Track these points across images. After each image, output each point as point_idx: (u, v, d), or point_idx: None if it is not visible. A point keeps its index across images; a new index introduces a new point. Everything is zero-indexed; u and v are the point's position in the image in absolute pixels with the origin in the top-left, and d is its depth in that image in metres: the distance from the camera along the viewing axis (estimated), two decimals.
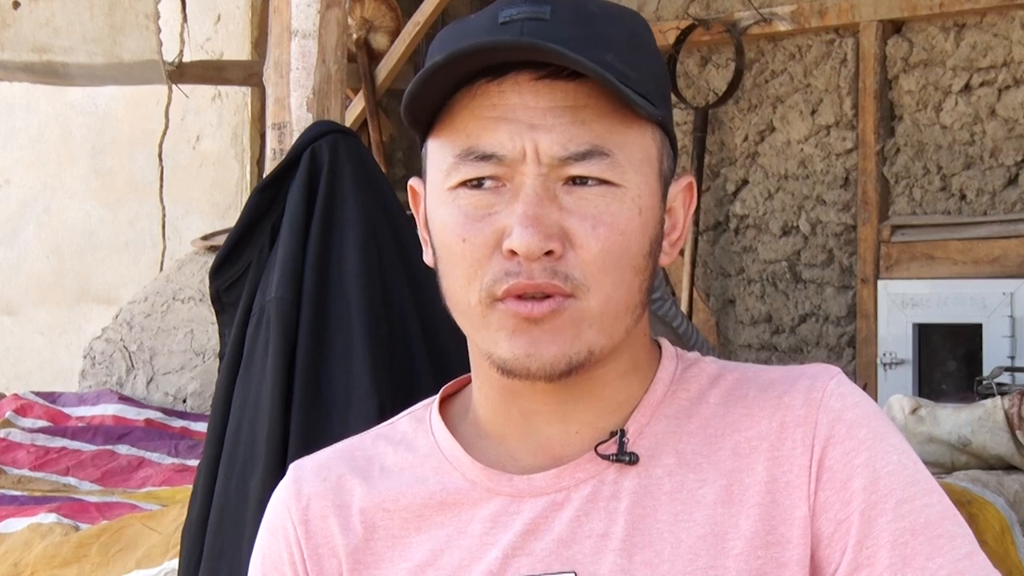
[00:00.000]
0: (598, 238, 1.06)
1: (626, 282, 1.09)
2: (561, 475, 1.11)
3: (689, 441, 1.12)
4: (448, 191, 1.09)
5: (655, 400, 1.14)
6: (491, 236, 1.07)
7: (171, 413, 3.96)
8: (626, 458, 1.10)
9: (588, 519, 1.10)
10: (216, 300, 2.35)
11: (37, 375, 5.75)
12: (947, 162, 4.67)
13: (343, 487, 1.17)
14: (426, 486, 1.15)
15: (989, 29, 4.60)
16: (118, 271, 5.74)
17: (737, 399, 1.14)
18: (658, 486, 1.10)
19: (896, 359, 4.63)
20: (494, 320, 1.08)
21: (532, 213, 1.05)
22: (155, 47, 4.37)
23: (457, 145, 1.08)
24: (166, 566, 2.66)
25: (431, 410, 1.21)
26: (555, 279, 1.06)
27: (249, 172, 5.37)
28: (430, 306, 2.30)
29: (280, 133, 2.40)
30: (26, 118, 6.03)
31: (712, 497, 1.09)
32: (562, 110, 1.06)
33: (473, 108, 1.07)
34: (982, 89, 4.61)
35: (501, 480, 1.13)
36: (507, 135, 1.06)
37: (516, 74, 1.06)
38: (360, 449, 1.20)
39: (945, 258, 4.61)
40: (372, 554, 1.14)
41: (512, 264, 1.06)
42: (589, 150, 1.06)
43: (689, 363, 1.17)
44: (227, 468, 2.17)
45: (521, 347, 1.07)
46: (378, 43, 5.02)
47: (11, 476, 3.45)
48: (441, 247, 1.11)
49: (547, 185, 1.06)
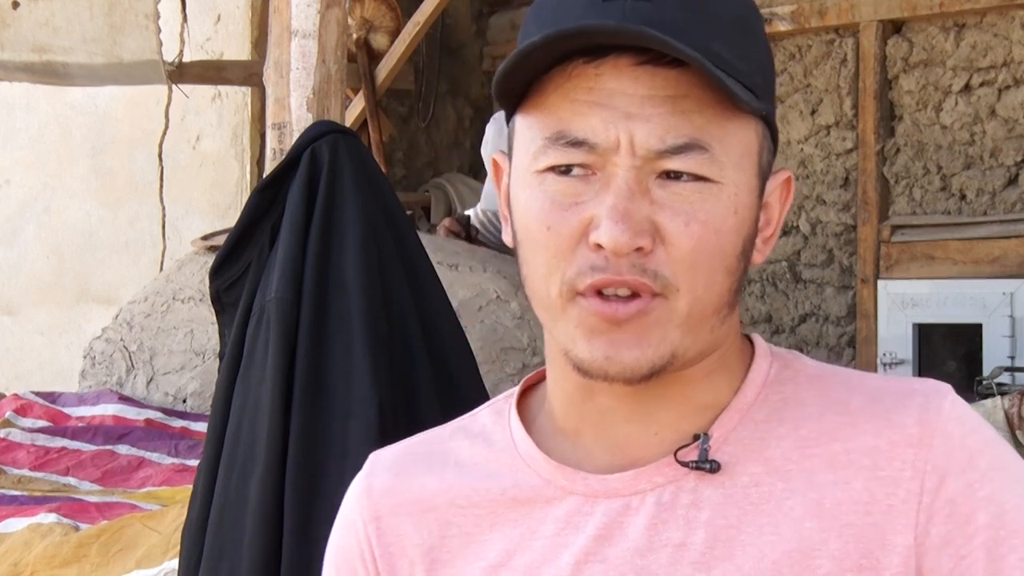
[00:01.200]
0: (690, 235, 1.00)
1: (717, 283, 1.02)
2: (638, 477, 1.05)
3: (779, 446, 1.05)
4: (535, 174, 1.03)
5: (745, 403, 1.07)
6: (577, 227, 1.01)
7: (171, 413, 3.96)
8: (707, 466, 1.04)
9: (665, 527, 1.04)
10: (216, 300, 2.35)
11: (37, 375, 5.75)
12: (947, 162, 4.67)
13: (416, 482, 1.13)
14: (499, 482, 1.10)
15: (989, 29, 4.60)
16: (118, 271, 5.74)
17: (838, 405, 1.06)
18: (743, 496, 1.03)
19: (896, 359, 4.63)
20: (574, 315, 1.02)
21: (623, 207, 0.99)
22: (155, 47, 4.37)
23: (547, 127, 1.02)
24: (166, 566, 2.66)
25: (511, 402, 1.15)
26: (643, 276, 1.00)
27: (249, 172, 5.37)
28: (430, 306, 2.30)
29: (280, 133, 2.40)
30: (26, 118, 6.03)
31: (801, 510, 1.02)
32: (661, 99, 0.99)
33: (567, 90, 1.01)
34: (982, 89, 4.61)
35: (575, 479, 1.07)
36: (601, 122, 1.00)
37: (616, 57, 0.99)
38: (437, 442, 1.16)
39: (945, 258, 4.61)
40: (447, 551, 1.10)
41: (598, 258, 1.00)
42: (687, 143, 1.00)
43: (785, 362, 1.10)
44: (227, 468, 2.17)
45: (600, 349, 1.01)
46: (378, 43, 5.02)
47: (11, 476, 3.45)
48: (522, 231, 1.05)
49: (640, 178, 1.00)
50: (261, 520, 2.08)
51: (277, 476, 2.09)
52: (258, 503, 2.09)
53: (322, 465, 2.11)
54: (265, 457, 2.10)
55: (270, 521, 2.08)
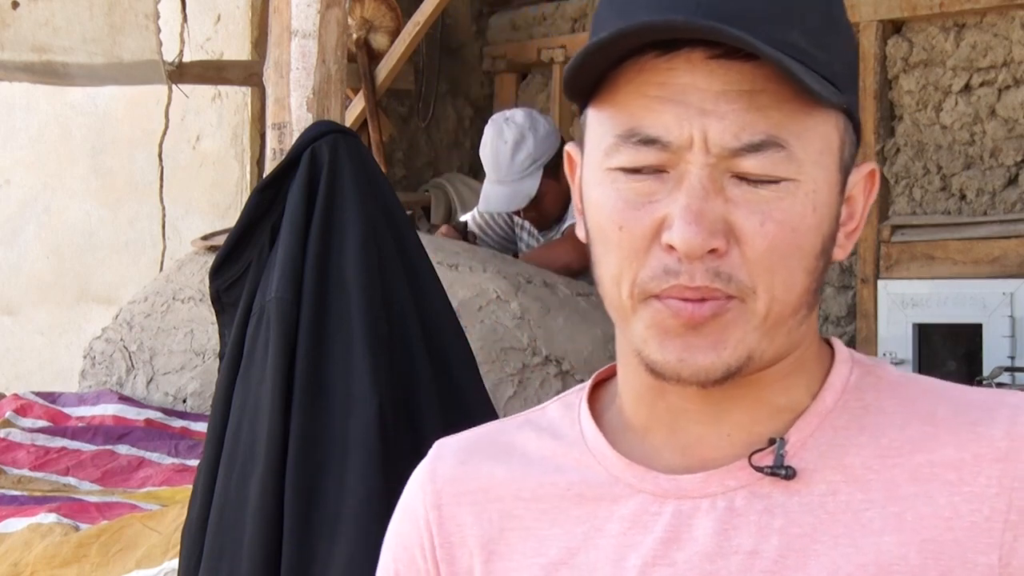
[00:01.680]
0: (766, 235, 0.96)
1: (795, 284, 0.99)
2: (709, 480, 1.02)
3: (859, 454, 1.01)
4: (606, 171, 0.99)
5: (824, 408, 1.03)
6: (650, 226, 0.97)
7: (171, 413, 3.96)
8: (782, 472, 1.00)
9: (737, 533, 1.00)
10: (216, 300, 2.35)
11: (37, 375, 5.75)
12: (947, 162, 4.67)
13: (481, 472, 1.10)
14: (566, 477, 1.07)
15: (989, 29, 4.60)
16: (118, 271, 5.74)
17: (922, 415, 1.02)
18: (819, 504, 0.99)
19: (896, 359, 4.63)
20: (646, 316, 0.98)
21: (696, 207, 0.95)
22: (155, 47, 4.37)
23: (619, 124, 0.98)
24: (166, 566, 2.66)
25: (581, 396, 1.11)
26: (717, 281, 0.96)
27: (249, 172, 5.37)
28: (430, 306, 2.30)
29: (280, 133, 2.40)
30: (26, 118, 6.03)
31: (880, 523, 0.98)
32: (737, 94, 0.95)
33: (638, 84, 0.97)
34: (982, 89, 4.61)
35: (645, 477, 1.03)
36: (674, 119, 0.96)
37: (688, 51, 0.95)
38: (505, 433, 1.13)
39: (945, 258, 4.61)
40: (505, 545, 1.07)
41: (671, 260, 0.96)
42: (763, 141, 0.95)
43: (866, 368, 1.05)
44: (227, 468, 2.17)
45: (673, 352, 0.98)
46: (378, 43, 5.02)
47: (11, 476, 3.45)
48: (595, 229, 1.01)
49: (714, 176, 0.96)
50: (261, 520, 2.08)
51: (277, 476, 2.09)
52: (258, 503, 2.09)
53: (322, 465, 2.11)
54: (265, 457, 2.10)
55: (270, 521, 2.08)
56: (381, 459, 2.08)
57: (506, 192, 4.13)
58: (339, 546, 2.05)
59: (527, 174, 4.10)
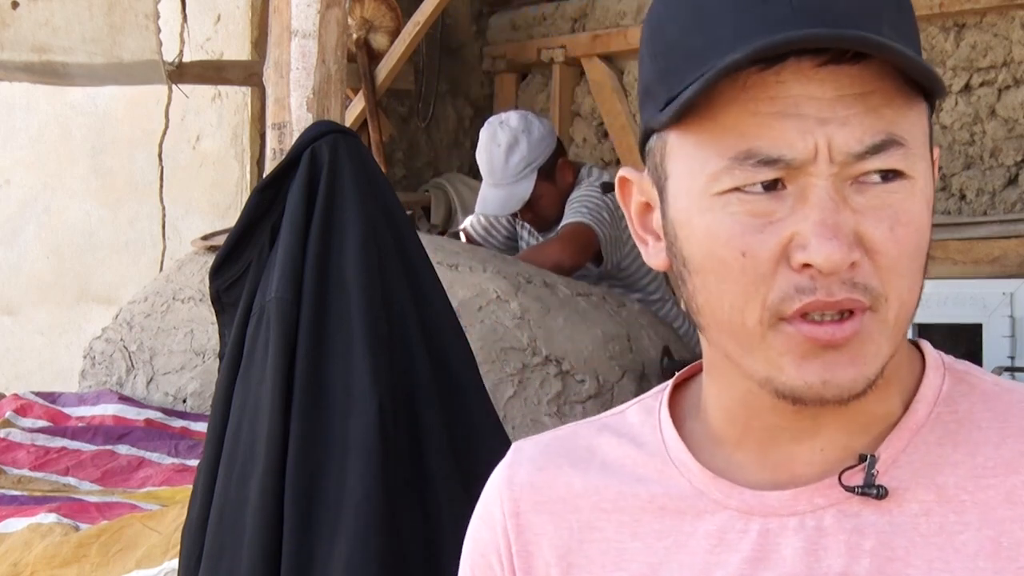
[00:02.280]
0: (897, 241, 0.93)
1: (918, 283, 0.96)
2: (798, 497, 0.99)
3: (953, 473, 0.97)
4: (714, 196, 0.94)
5: (916, 422, 1.00)
6: (776, 248, 0.93)
7: (171, 413, 3.96)
8: (873, 492, 0.96)
9: (826, 554, 0.97)
10: (216, 300, 2.35)
11: (37, 375, 5.75)
12: (947, 162, 4.68)
13: (561, 479, 1.07)
14: (647, 488, 1.04)
15: (989, 29, 4.61)
16: (118, 271, 5.74)
17: (1017, 432, 0.98)
18: (912, 525, 0.96)
19: None
20: (778, 343, 0.94)
21: (832, 221, 0.91)
22: (155, 47, 4.37)
23: (730, 146, 0.93)
24: (166, 566, 2.66)
25: (661, 400, 1.08)
26: (855, 292, 0.92)
27: (249, 172, 5.37)
28: (430, 306, 2.30)
29: (280, 133, 2.40)
30: (26, 118, 6.03)
31: (975, 547, 0.95)
32: (852, 99, 0.92)
33: (745, 102, 0.93)
34: (982, 89, 4.61)
35: (731, 492, 1.01)
36: (798, 133, 0.92)
37: (796, 61, 0.91)
38: (584, 437, 1.09)
39: (945, 258, 4.61)
40: (584, 556, 1.05)
41: (803, 279, 0.92)
42: (884, 140, 0.93)
43: (958, 376, 1.02)
44: (227, 468, 2.17)
45: (815, 373, 0.94)
46: (378, 43, 5.02)
47: (11, 476, 3.45)
48: (705, 258, 0.96)
49: (838, 186, 0.92)
50: (261, 520, 2.08)
51: (277, 476, 2.09)
52: (258, 503, 2.09)
53: (322, 465, 2.11)
54: (265, 457, 2.10)
55: (270, 521, 2.08)
56: (381, 459, 2.08)
57: (501, 195, 4.14)
58: (339, 546, 2.05)
59: (521, 177, 4.11)
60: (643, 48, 1.01)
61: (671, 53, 0.96)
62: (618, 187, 1.06)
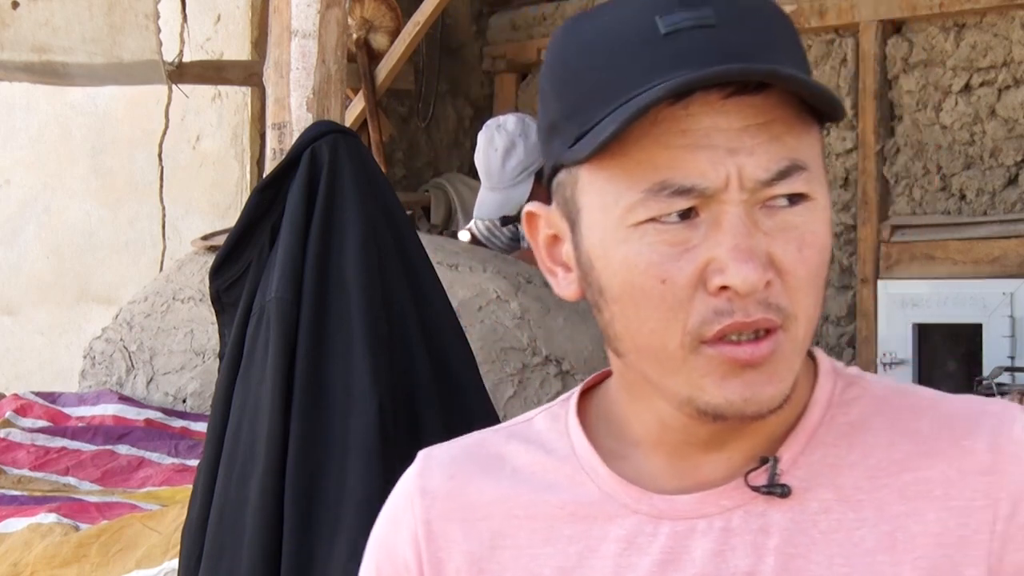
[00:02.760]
0: (804, 261, 0.98)
1: (820, 300, 1.01)
2: (705, 500, 1.02)
3: (850, 475, 1.02)
4: (631, 227, 0.98)
5: (811, 425, 1.04)
6: (693, 274, 0.97)
7: (171, 413, 3.96)
8: (777, 490, 1.01)
9: (734, 554, 1.00)
10: (216, 300, 2.35)
11: (37, 375, 5.75)
12: (947, 162, 4.67)
13: (472, 487, 1.09)
14: (558, 495, 1.06)
15: (989, 29, 4.60)
16: (118, 271, 5.74)
17: (908, 432, 1.03)
18: (813, 523, 1.01)
19: (896, 359, 4.63)
20: (700, 365, 0.98)
21: (745, 245, 0.96)
22: (155, 47, 4.37)
23: (645, 179, 0.97)
24: (166, 566, 2.66)
25: (568, 408, 1.11)
26: (769, 312, 0.97)
27: (249, 172, 5.37)
28: (430, 306, 2.30)
29: (280, 133, 2.40)
30: (26, 118, 6.03)
31: (872, 542, 0.99)
32: (757, 128, 0.97)
33: (657, 136, 0.96)
34: (982, 89, 4.60)
35: (641, 497, 1.04)
36: (709, 164, 0.96)
37: (704, 93, 0.96)
38: (493, 445, 1.11)
39: (945, 258, 4.61)
40: (496, 563, 1.06)
41: (721, 302, 0.97)
42: (789, 166, 0.97)
43: (849, 381, 1.07)
44: (227, 468, 2.17)
45: (736, 392, 0.98)
46: (378, 43, 5.02)
47: (11, 476, 3.45)
48: (625, 287, 0.99)
49: (749, 211, 0.97)
50: (261, 520, 2.08)
51: (277, 476, 2.09)
52: (258, 503, 2.09)
53: (322, 465, 2.11)
54: (265, 457, 2.10)
55: (270, 521, 2.08)
56: (381, 459, 2.08)
57: (498, 199, 4.15)
58: (339, 546, 2.05)
59: (518, 181, 4.12)
60: (545, 83, 1.04)
61: (580, 89, 0.99)
62: (525, 221, 1.08)
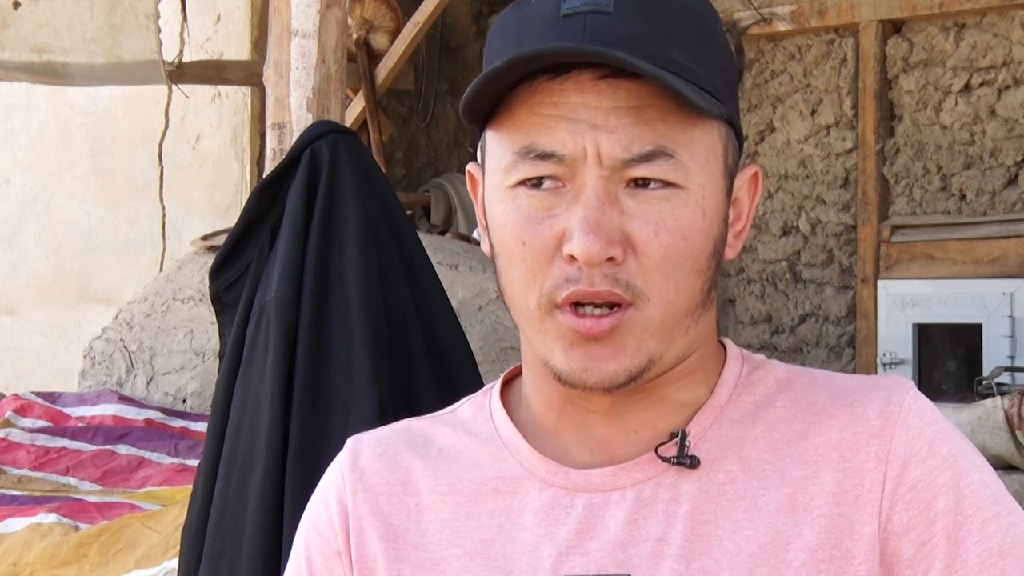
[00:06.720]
0: (660, 244, 1.03)
1: (688, 286, 1.05)
2: (618, 473, 1.08)
3: (754, 447, 1.08)
4: (507, 189, 1.06)
5: (719, 403, 1.10)
6: (551, 239, 1.04)
7: (171, 413, 3.96)
8: (687, 461, 1.07)
9: (646, 522, 1.06)
10: (216, 300, 2.35)
11: (37, 375, 5.75)
12: (947, 162, 4.68)
13: (401, 464, 1.14)
14: (482, 471, 1.12)
15: (989, 29, 4.61)
16: (118, 271, 5.74)
17: (806, 405, 1.10)
18: (719, 492, 1.07)
19: (896, 359, 4.63)
20: (551, 328, 1.05)
21: (593, 218, 1.02)
22: (155, 47, 4.37)
23: (516, 142, 1.05)
24: (166, 566, 2.66)
25: (491, 395, 1.17)
26: (616, 287, 1.02)
27: (249, 172, 5.37)
28: (430, 306, 2.30)
29: (280, 133, 2.40)
30: (26, 118, 6.03)
31: (775, 505, 1.06)
32: (625, 110, 1.02)
33: (533, 104, 1.04)
34: (982, 89, 4.61)
35: (557, 472, 1.09)
36: (569, 135, 1.02)
37: (578, 73, 1.02)
38: (419, 430, 1.17)
39: (945, 258, 4.61)
40: (420, 535, 1.11)
41: (572, 270, 1.03)
42: (652, 151, 1.02)
43: (755, 365, 1.13)
44: (227, 468, 2.17)
45: (578, 361, 1.04)
46: (378, 43, 5.02)
47: (11, 476, 3.45)
48: (499, 245, 1.08)
49: (608, 188, 1.03)
50: (261, 520, 2.08)
51: (277, 476, 2.09)
52: (258, 503, 2.09)
53: (322, 465, 2.10)
54: (265, 457, 2.10)
55: (270, 521, 2.08)
56: None
57: None
58: None
59: None
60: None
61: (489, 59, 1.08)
62: (467, 181, 1.18)
